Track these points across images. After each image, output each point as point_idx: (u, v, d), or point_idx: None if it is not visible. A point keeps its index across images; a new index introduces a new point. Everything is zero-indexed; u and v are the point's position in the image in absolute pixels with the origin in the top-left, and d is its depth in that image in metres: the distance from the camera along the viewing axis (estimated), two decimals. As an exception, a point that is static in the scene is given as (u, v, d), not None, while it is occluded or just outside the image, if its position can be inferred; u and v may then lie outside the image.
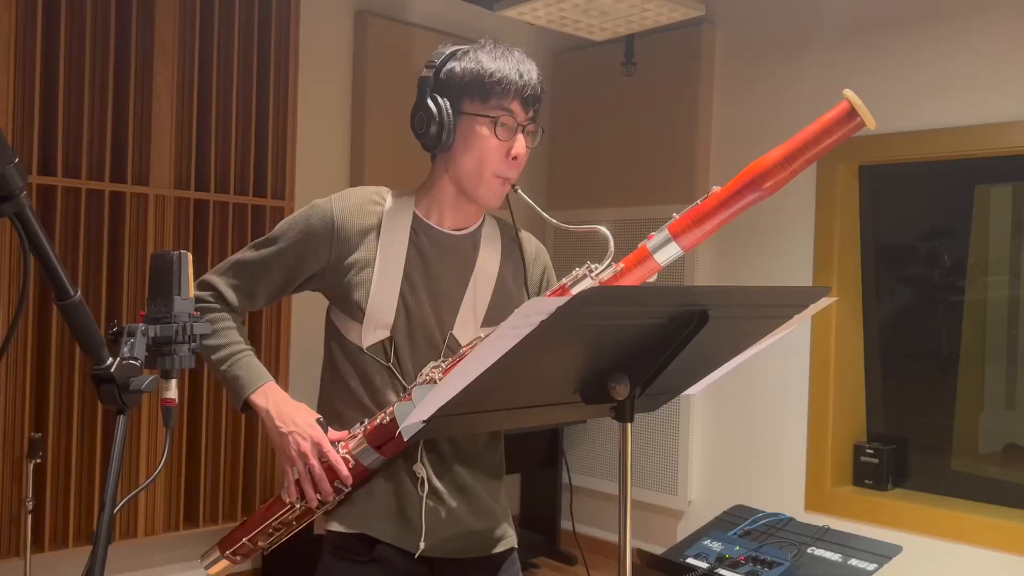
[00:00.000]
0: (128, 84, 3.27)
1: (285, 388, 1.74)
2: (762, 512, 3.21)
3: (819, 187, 3.75)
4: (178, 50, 3.37)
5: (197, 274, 1.35)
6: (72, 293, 1.11)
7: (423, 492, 1.62)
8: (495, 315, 1.70)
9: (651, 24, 3.86)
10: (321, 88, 3.93)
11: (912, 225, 3.94)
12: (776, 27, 3.94)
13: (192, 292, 1.28)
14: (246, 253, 1.69)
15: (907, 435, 3.82)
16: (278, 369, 3.60)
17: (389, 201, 1.68)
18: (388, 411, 1.58)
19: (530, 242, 1.82)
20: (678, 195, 4.12)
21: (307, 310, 3.64)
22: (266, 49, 3.58)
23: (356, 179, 4.01)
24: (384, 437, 1.57)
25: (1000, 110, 3.32)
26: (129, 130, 3.28)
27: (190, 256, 1.29)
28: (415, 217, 1.68)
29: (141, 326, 1.21)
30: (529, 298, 1.76)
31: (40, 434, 3.07)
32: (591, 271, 1.59)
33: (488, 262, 1.71)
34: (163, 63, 3.33)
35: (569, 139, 4.52)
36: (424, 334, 1.64)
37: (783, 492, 3.86)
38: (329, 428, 1.64)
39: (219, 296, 1.68)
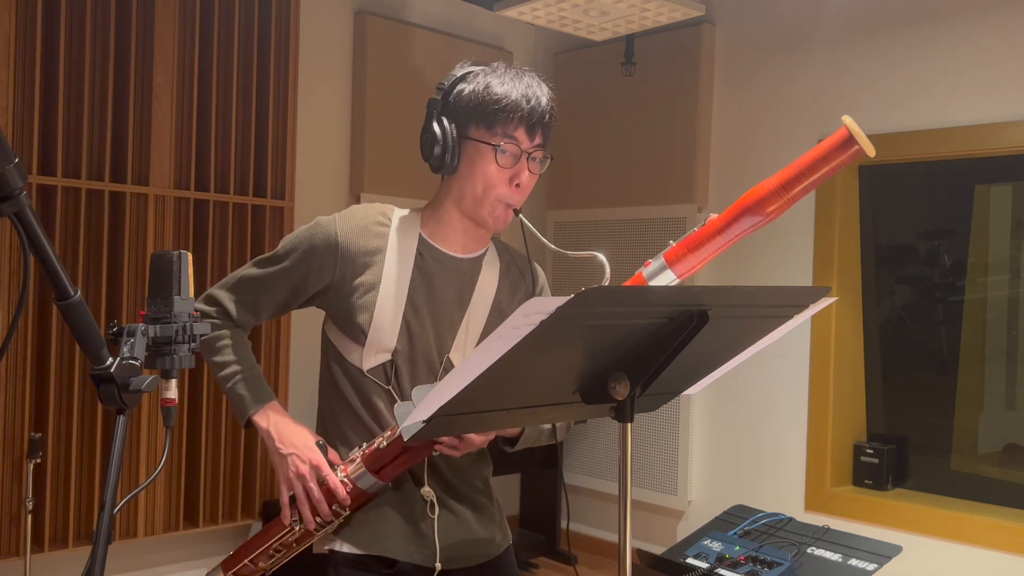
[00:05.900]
0: (128, 84, 3.27)
1: (284, 402, 1.75)
2: (762, 512, 3.20)
3: (819, 187, 3.75)
4: (178, 50, 3.37)
5: (197, 274, 1.35)
6: (72, 293, 1.11)
7: (435, 511, 1.65)
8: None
9: (651, 24, 3.86)
10: (321, 88, 3.93)
11: (912, 225, 3.94)
12: (776, 27, 3.94)
13: (192, 291, 1.28)
14: (250, 270, 1.69)
15: (907, 435, 3.82)
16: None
17: (395, 221, 1.68)
18: (386, 435, 1.59)
19: (531, 264, 1.83)
20: (678, 195, 4.13)
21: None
22: (266, 49, 3.58)
23: (356, 179, 4.00)
24: (381, 461, 1.58)
25: (1000, 110, 3.32)
26: (129, 130, 3.28)
27: (190, 256, 1.29)
28: (421, 239, 1.68)
29: (141, 326, 1.21)
30: None
31: (40, 434, 3.07)
32: None
33: (487, 285, 1.72)
34: (163, 63, 3.33)
35: (569, 139, 4.52)
36: (424, 357, 1.65)
37: (783, 492, 3.86)
38: (330, 451, 1.64)
39: (224, 312, 1.69)
